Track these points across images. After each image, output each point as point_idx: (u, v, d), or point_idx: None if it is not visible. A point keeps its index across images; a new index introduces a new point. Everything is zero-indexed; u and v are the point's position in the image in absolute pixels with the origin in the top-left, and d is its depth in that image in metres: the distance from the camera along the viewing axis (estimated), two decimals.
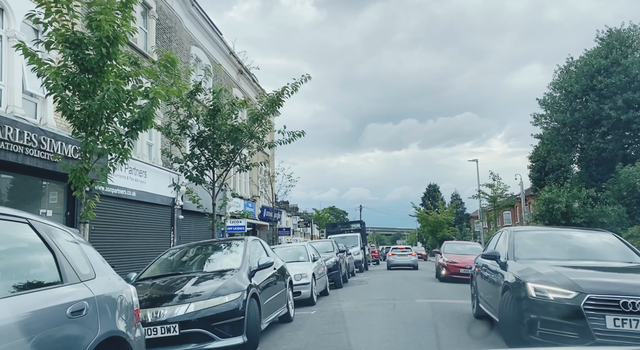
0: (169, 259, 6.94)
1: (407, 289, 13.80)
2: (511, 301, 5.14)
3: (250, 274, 6.39)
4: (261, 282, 6.68)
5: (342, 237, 25.24)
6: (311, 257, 12.10)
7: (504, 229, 7.16)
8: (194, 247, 7.23)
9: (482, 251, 7.86)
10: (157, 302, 5.49)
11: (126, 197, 13.97)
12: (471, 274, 8.23)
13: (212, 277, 6.04)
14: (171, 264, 6.82)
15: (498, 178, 26.06)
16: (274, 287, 7.36)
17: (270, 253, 8.02)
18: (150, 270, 6.65)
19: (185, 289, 5.69)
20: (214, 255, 7.00)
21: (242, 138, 11.27)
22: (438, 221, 48.81)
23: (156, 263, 6.82)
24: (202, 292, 5.63)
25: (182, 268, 6.65)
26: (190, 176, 11.33)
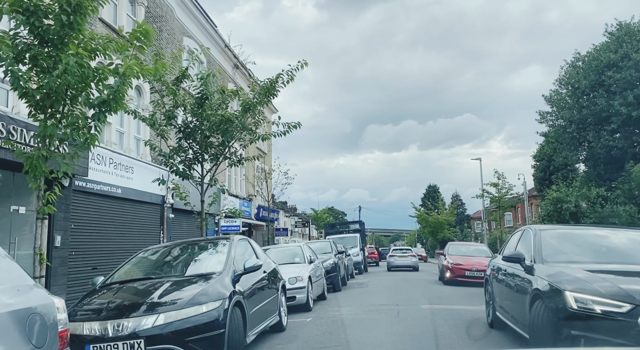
0: (142, 260, 6.06)
1: (409, 293, 12.92)
2: (544, 313, 4.27)
3: (234, 278, 5.52)
4: (248, 287, 5.81)
5: (341, 238, 24.36)
6: (308, 258, 11.22)
7: (526, 228, 6.29)
8: (173, 248, 6.35)
9: (500, 253, 6.97)
10: (121, 312, 4.61)
11: (111, 194, 13.10)
12: (485, 278, 7.36)
13: (189, 283, 5.16)
14: (144, 266, 5.94)
15: (503, 177, 25.26)
16: (263, 292, 6.49)
17: (260, 254, 7.15)
18: (120, 274, 5.77)
19: (156, 297, 4.82)
20: (195, 257, 6.12)
21: (232, 130, 10.39)
22: (438, 222, 47.97)
23: (127, 265, 5.94)
24: (175, 300, 4.76)
25: (157, 271, 5.78)
26: (177, 170, 10.44)
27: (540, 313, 4.33)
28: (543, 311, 4.29)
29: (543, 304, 4.33)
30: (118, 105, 5.87)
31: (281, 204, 44.23)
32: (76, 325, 4.46)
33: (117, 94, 5.76)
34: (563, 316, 3.99)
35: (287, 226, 40.75)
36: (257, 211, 27.56)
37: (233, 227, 22.16)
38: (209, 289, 5.02)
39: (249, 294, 5.80)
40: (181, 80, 10.00)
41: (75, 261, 11.58)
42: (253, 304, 5.87)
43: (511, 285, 5.62)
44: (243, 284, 5.70)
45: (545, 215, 20.69)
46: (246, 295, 5.63)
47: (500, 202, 25.14)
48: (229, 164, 11.32)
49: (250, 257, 6.68)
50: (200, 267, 5.72)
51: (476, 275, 15.41)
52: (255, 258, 6.70)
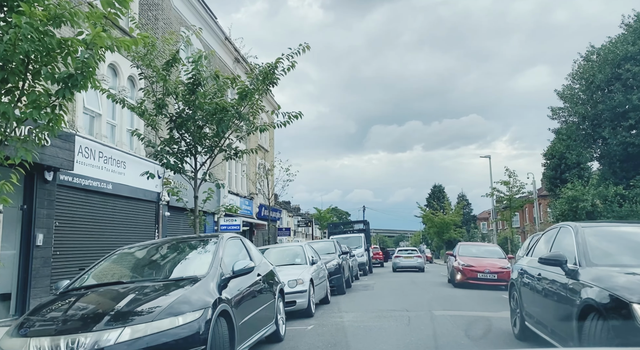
0: (116, 261, 5.22)
1: (419, 297, 12.05)
2: (603, 330, 3.40)
3: (221, 283, 4.68)
4: (238, 293, 4.97)
5: (344, 238, 23.51)
6: (309, 259, 10.37)
7: (561, 225, 5.41)
8: (153, 247, 5.51)
9: (529, 254, 6.09)
10: (79, 325, 3.78)
11: (100, 190, 12.30)
12: (511, 282, 6.47)
13: (166, 289, 4.32)
14: (118, 268, 5.11)
15: (514, 175, 24.29)
16: (257, 298, 5.65)
17: (254, 255, 6.30)
18: (88, 277, 4.93)
19: (124, 305, 3.98)
20: (176, 258, 5.28)
21: (228, 119, 9.55)
22: (445, 222, 46.99)
23: (98, 267, 5.10)
24: (147, 309, 3.92)
25: (131, 274, 4.95)
26: (167, 164, 9.61)
27: (598, 330, 3.46)
28: (601, 328, 3.42)
29: (600, 319, 3.46)
30: (87, 80, 5.03)
31: (284, 204, 43.41)
32: (22, 341, 3.64)
33: (85, 66, 4.92)
34: (632, 335, 3.12)
35: (290, 226, 39.92)
36: (258, 210, 26.75)
37: (233, 226, 21.33)
38: (189, 296, 4.18)
39: (239, 300, 4.95)
40: (171, 64, 9.17)
41: (61, 262, 10.78)
42: (244, 312, 5.03)
43: (548, 293, 4.75)
44: (232, 289, 4.86)
45: (559, 214, 19.73)
46: (235, 303, 4.78)
47: (511, 201, 24.20)
48: (225, 157, 10.48)
49: (243, 257, 5.85)
50: (181, 270, 4.88)
51: (489, 277, 14.53)
52: (248, 259, 5.86)
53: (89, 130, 12.56)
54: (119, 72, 13.61)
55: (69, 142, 10.46)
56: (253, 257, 6.14)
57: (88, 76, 5.02)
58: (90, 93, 12.15)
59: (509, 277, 15.13)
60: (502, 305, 10.11)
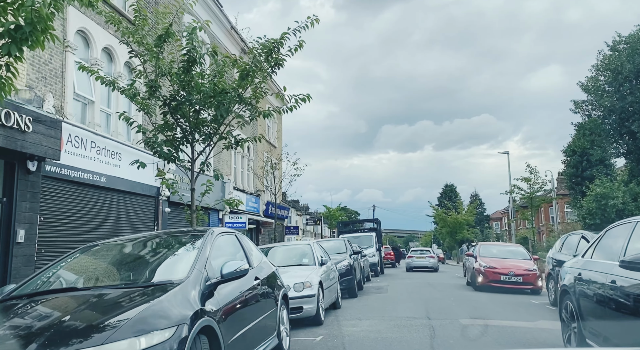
0: (78, 261, 4.20)
1: (439, 301, 10.94)
2: None
3: (204, 290, 3.65)
4: (228, 302, 3.93)
5: (355, 237, 22.39)
6: (318, 259, 9.32)
7: (636, 219, 4.29)
8: (125, 244, 4.48)
9: (585, 254, 4.97)
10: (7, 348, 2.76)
11: (92, 183, 11.37)
12: (562, 289, 5.34)
13: (130, 298, 3.30)
14: (78, 269, 4.08)
15: (535, 171, 22.97)
16: (254, 307, 4.61)
17: (253, 255, 5.27)
18: (38, 282, 3.91)
19: (68, 322, 2.95)
20: (151, 258, 4.24)
21: (228, 103, 8.54)
22: (458, 222, 45.61)
23: (53, 268, 4.08)
24: (99, 327, 2.90)
25: (90, 278, 3.93)
26: (160, 152, 8.62)
27: None
28: None
29: None
30: (40, 34, 4.02)
31: (293, 203, 42.42)
32: None
33: (36, 16, 3.91)
34: None
35: (298, 225, 38.92)
36: (265, 208, 25.76)
37: (238, 224, 20.36)
38: (160, 307, 3.15)
39: (230, 311, 3.91)
40: (164, 39, 8.16)
41: (46, 261, 9.80)
42: (236, 326, 3.99)
43: (632, 308, 3.63)
44: (220, 297, 3.82)
45: (586, 213, 18.46)
46: (224, 315, 3.75)
47: (532, 198, 22.91)
48: (225, 146, 9.46)
49: (238, 258, 4.82)
50: (154, 273, 3.85)
51: (514, 280, 13.37)
52: (244, 260, 4.83)
53: (81, 118, 11.64)
54: (114, 57, 12.67)
55: (55, 128, 9.52)
56: (251, 257, 5.10)
57: (41, 29, 3.99)
58: (81, 77, 11.22)
59: (535, 279, 14.09)
60: (536, 313, 8.98)
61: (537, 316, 8.56)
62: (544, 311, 9.36)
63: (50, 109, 9.73)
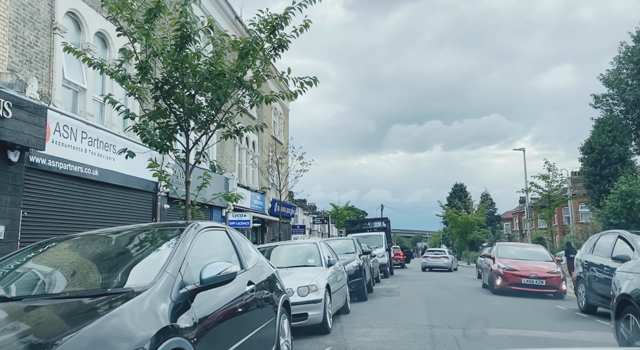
0: (25, 261, 3.36)
1: (457, 307, 10.03)
2: None
3: (177, 300, 2.80)
4: (208, 315, 3.08)
5: (364, 236, 21.49)
6: (325, 260, 8.46)
7: None
8: (89, 240, 3.62)
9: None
10: None
11: (83, 177, 10.60)
12: (620, 298, 4.42)
13: (73, 312, 2.45)
14: (22, 272, 3.24)
15: (554, 168, 21.86)
16: (245, 319, 3.76)
17: (247, 255, 4.42)
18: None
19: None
20: (115, 259, 3.36)
21: (226, 86, 7.71)
22: (468, 222, 44.44)
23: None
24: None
25: (31, 284, 3.06)
26: (152, 140, 7.81)
27: None
28: None
29: None
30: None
31: (300, 202, 41.59)
32: None
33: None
34: None
35: (305, 224, 38.10)
36: (271, 206, 24.95)
37: (242, 222, 19.55)
38: (112, 325, 2.31)
39: (210, 326, 3.06)
40: (155, 14, 7.34)
41: None
42: (219, 344, 3.14)
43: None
44: (199, 309, 2.97)
45: (610, 212, 17.41)
46: (202, 331, 2.90)
47: (550, 197, 21.82)
48: (224, 135, 8.64)
49: (228, 258, 3.97)
50: (113, 279, 2.99)
51: (536, 283, 12.40)
52: (236, 261, 3.98)
53: (72, 107, 10.88)
54: (109, 43, 11.90)
55: (39, 116, 8.75)
56: (244, 257, 4.25)
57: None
58: (71, 62, 10.45)
59: (559, 283, 13.11)
60: (568, 321, 8.05)
61: (571, 325, 7.63)
62: (577, 319, 8.42)
63: (34, 95, 8.96)
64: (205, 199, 8.66)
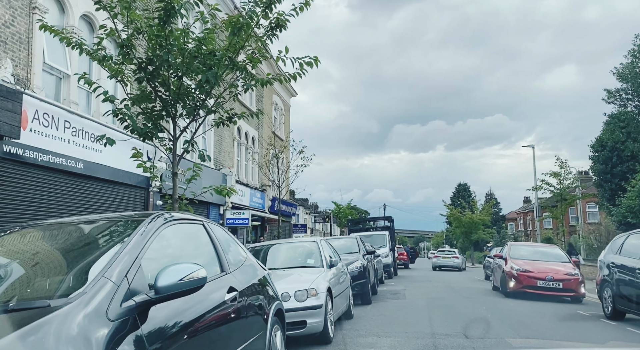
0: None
1: (470, 311, 9.22)
2: None
3: (120, 316, 2.01)
4: (166, 336, 2.28)
5: (367, 236, 20.68)
6: (327, 260, 7.66)
7: None
8: (16, 236, 2.82)
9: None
10: None
11: (66, 169, 9.84)
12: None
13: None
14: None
15: (566, 165, 20.95)
16: (222, 335, 2.96)
17: (229, 253, 3.62)
18: None
19: None
20: (49, 258, 2.56)
21: (217, 66, 6.93)
22: (473, 222, 43.56)
23: None
24: None
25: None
26: (134, 126, 7.04)
27: None
28: None
29: None
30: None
31: (301, 201, 40.80)
32: None
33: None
34: None
35: (306, 223, 37.31)
36: (271, 204, 24.16)
37: (240, 221, 18.79)
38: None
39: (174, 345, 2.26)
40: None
41: None
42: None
43: None
44: (153, 327, 2.18)
45: (627, 211, 16.55)
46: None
47: (562, 195, 20.96)
48: (216, 122, 7.85)
49: (204, 259, 3.19)
50: (31, 286, 2.19)
51: (552, 286, 11.58)
52: (214, 261, 3.19)
53: (55, 94, 10.11)
54: (96, 27, 11.11)
55: (13, 101, 8.00)
56: (226, 258, 3.45)
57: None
58: (54, 46, 9.68)
59: (577, 286, 12.29)
60: (596, 330, 7.23)
61: (602, 335, 6.83)
62: (605, 327, 7.60)
63: (8, 78, 8.20)
64: (194, 192, 7.89)
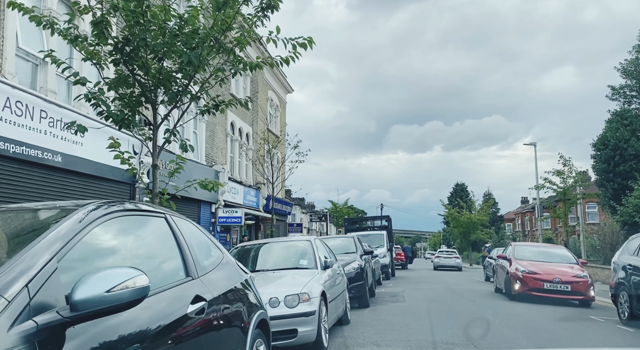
0: None
1: (476, 317, 8.60)
2: None
3: (19, 343, 1.36)
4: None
5: (364, 236, 20.06)
6: (321, 261, 7.00)
7: None
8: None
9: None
10: None
11: (42, 162, 9.15)
12: None
13: None
14: None
15: (570, 163, 20.35)
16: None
17: (195, 253, 2.95)
18: None
19: None
20: None
21: (200, 46, 6.28)
22: (471, 221, 43.01)
23: None
24: None
25: None
26: (108, 112, 6.38)
27: None
28: None
29: None
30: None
31: (298, 200, 40.15)
32: None
33: None
34: None
35: (303, 223, 36.64)
36: (266, 202, 23.48)
37: (233, 219, 18.11)
38: None
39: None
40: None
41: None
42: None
43: None
44: None
45: (634, 210, 15.98)
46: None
47: (565, 194, 20.36)
48: (201, 111, 7.20)
49: (161, 260, 2.54)
50: None
51: (560, 289, 10.97)
52: (178, 265, 2.55)
53: (31, 82, 9.42)
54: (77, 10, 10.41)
55: None
56: (193, 259, 2.80)
57: None
58: (29, 30, 8.99)
59: (587, 289, 11.70)
60: (615, 338, 6.60)
61: (621, 343, 6.21)
62: (625, 335, 6.99)
63: None
64: (177, 187, 7.23)
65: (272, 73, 27.12)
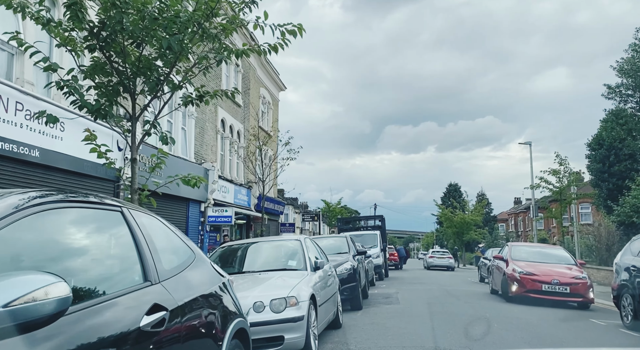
0: None
1: (474, 320, 8.23)
2: None
3: None
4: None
5: (357, 235, 19.68)
6: (311, 262, 6.59)
7: None
8: None
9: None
10: None
11: (17, 157, 8.68)
12: None
13: None
14: None
15: (566, 162, 20.08)
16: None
17: (156, 251, 2.52)
18: None
19: None
20: None
21: (183, 30, 5.86)
22: (465, 222, 42.79)
23: None
24: None
25: None
26: (82, 101, 5.94)
27: None
28: None
29: None
30: None
31: (291, 200, 39.69)
32: None
33: None
34: None
35: (296, 223, 36.20)
36: (257, 201, 23.02)
37: (223, 218, 17.64)
38: None
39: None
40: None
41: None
42: None
43: None
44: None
45: (632, 210, 15.74)
46: None
47: (561, 193, 20.10)
48: (184, 102, 6.77)
49: (114, 262, 2.11)
50: None
51: (559, 291, 10.64)
52: (136, 267, 2.13)
53: (7, 73, 8.94)
54: (58, 2, 9.95)
55: None
56: (154, 261, 2.38)
57: None
58: (4, 16, 8.52)
59: (586, 290, 11.38)
60: (618, 343, 6.26)
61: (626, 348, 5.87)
62: (629, 339, 6.65)
63: None
64: (157, 183, 6.79)
65: (264, 70, 26.67)
